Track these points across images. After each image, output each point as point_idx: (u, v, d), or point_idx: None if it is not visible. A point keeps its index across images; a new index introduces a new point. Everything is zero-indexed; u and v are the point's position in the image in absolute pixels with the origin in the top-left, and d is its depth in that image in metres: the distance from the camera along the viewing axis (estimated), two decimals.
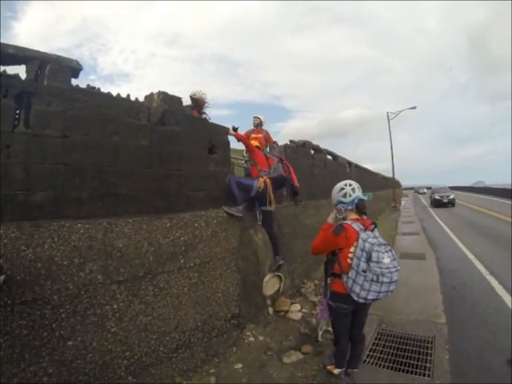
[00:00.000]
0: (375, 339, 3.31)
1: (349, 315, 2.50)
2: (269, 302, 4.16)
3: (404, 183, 76.00)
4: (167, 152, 3.38)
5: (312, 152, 7.74)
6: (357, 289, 2.25)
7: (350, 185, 2.55)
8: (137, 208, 3.01)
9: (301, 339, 3.51)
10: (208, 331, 3.21)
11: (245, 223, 4.09)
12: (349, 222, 2.44)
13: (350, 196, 2.50)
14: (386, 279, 2.18)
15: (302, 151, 6.99)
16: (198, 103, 4.54)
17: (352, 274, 2.27)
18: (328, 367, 2.77)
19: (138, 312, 2.71)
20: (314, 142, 7.84)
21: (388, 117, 22.86)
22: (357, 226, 2.37)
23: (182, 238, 3.22)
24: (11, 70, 2.48)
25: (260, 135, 5.78)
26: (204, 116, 4.39)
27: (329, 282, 2.52)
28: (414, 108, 23.28)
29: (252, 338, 3.49)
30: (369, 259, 2.20)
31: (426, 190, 47.82)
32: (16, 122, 2.43)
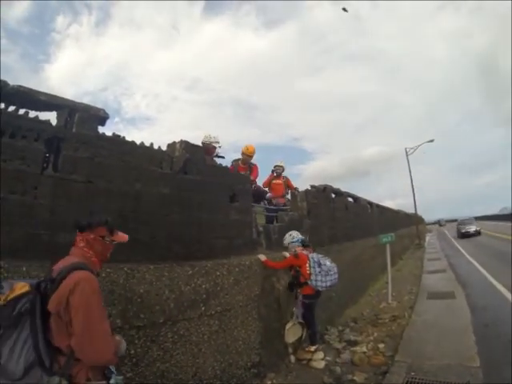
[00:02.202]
0: None
1: (315, 306, 4.13)
2: (290, 349, 3.99)
3: (428, 217, 73.29)
4: (188, 200, 3.44)
5: (333, 196, 7.70)
6: (319, 283, 3.88)
7: (294, 232, 4.41)
8: (158, 254, 3.02)
9: None
10: (227, 380, 3.09)
11: (267, 270, 4.04)
12: (299, 251, 4.09)
13: (295, 238, 4.29)
14: (331, 272, 3.95)
15: (323, 196, 6.97)
16: (207, 148, 4.45)
17: (313, 276, 3.88)
18: (306, 349, 4.02)
19: (156, 358, 2.65)
20: (337, 183, 7.83)
21: (406, 152, 22.62)
22: (306, 252, 4.12)
23: (204, 286, 3.17)
24: (43, 115, 2.62)
25: (280, 181, 6.21)
26: (219, 161, 4.43)
27: (299, 290, 4.03)
28: (432, 141, 22.88)
29: None
30: (319, 265, 3.93)
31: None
32: (45, 165, 2.54)
